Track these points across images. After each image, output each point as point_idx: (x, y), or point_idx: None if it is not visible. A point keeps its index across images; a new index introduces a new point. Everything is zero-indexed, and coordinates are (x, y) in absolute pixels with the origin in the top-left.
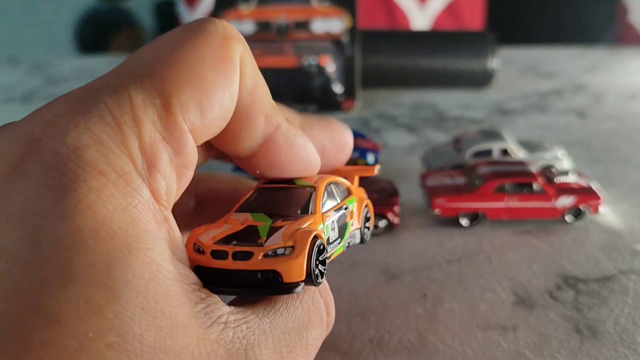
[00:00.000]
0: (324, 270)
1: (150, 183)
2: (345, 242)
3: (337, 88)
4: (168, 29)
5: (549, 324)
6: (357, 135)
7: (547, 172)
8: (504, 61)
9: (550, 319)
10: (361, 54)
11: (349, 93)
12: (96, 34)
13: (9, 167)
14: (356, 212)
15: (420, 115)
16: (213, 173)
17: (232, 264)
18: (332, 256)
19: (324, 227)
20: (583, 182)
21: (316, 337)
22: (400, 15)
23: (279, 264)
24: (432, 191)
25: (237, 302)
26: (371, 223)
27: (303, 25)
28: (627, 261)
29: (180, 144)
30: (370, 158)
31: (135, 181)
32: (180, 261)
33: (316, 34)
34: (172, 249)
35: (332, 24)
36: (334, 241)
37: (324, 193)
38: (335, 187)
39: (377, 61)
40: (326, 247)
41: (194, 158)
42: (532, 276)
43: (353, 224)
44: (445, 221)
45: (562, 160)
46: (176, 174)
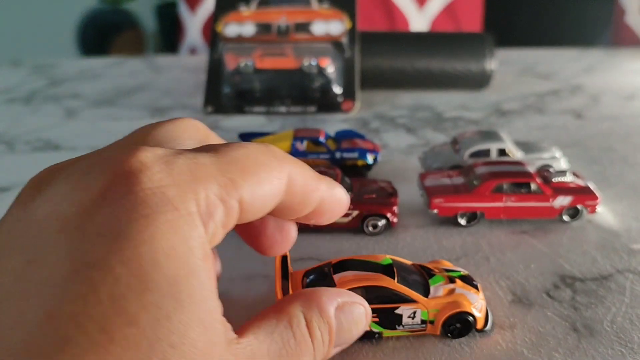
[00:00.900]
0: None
1: (206, 227)
2: None
3: (337, 89)
4: (169, 30)
5: (547, 323)
6: (356, 135)
7: (545, 172)
8: (502, 62)
9: (547, 318)
10: (360, 55)
11: (349, 94)
12: (98, 36)
13: (97, 190)
14: None
15: (419, 116)
16: None
17: None
18: None
19: None
20: (580, 182)
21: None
22: (399, 17)
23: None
24: (430, 191)
25: (240, 329)
26: None
27: (303, 27)
28: (624, 260)
29: (230, 208)
30: (370, 158)
31: (196, 220)
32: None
33: (316, 35)
34: (212, 281)
35: (332, 25)
36: None
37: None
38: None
39: (376, 62)
40: None
41: (233, 222)
42: (529, 275)
43: None
44: (444, 221)
45: (560, 161)
46: (222, 227)
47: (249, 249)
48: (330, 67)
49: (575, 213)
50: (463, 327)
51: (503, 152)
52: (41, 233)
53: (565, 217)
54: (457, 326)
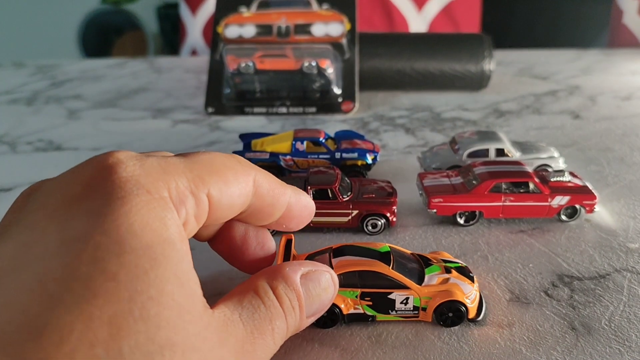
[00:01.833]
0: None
1: (178, 211)
2: None
3: (337, 90)
4: (171, 32)
5: (545, 321)
6: (356, 136)
7: (543, 172)
8: (500, 63)
9: (546, 316)
10: (360, 56)
11: (348, 95)
12: (100, 37)
13: (82, 183)
14: None
15: (418, 117)
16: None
17: None
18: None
19: None
20: (578, 182)
21: (280, 326)
22: (398, 19)
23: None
24: (429, 191)
25: (214, 302)
26: None
27: (303, 28)
28: (621, 259)
29: (200, 200)
30: (369, 158)
31: (168, 204)
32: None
33: (316, 37)
34: (189, 256)
35: (332, 27)
36: None
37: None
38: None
39: (376, 64)
40: None
41: (204, 215)
42: (527, 274)
43: None
44: (443, 220)
45: (558, 160)
46: (194, 218)
47: None
48: (330, 68)
49: (573, 212)
50: (455, 316)
51: (501, 152)
52: (33, 222)
53: (563, 217)
54: (450, 315)
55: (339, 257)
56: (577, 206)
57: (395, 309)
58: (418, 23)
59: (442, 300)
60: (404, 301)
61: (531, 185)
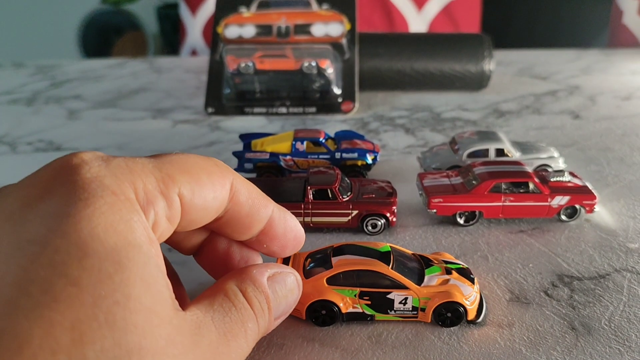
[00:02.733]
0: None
1: (146, 213)
2: None
3: (337, 90)
4: (171, 32)
5: (545, 321)
6: (356, 136)
7: (543, 172)
8: (500, 63)
9: (545, 316)
10: (360, 56)
11: (348, 95)
12: (100, 37)
13: (41, 185)
14: None
15: (418, 117)
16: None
17: None
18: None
19: None
20: (578, 182)
21: (252, 328)
22: (398, 19)
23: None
24: (429, 191)
25: (186, 305)
26: None
27: (303, 28)
28: (621, 259)
29: (171, 200)
30: (369, 158)
31: (135, 205)
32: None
33: (316, 37)
34: (158, 259)
35: (332, 27)
36: None
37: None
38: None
39: (376, 64)
40: None
41: (177, 215)
42: (527, 274)
43: None
44: (443, 220)
45: (557, 160)
46: (166, 219)
47: None
48: (330, 69)
49: (573, 212)
50: (454, 317)
51: (501, 152)
52: None
53: (563, 217)
54: (448, 315)
55: (339, 256)
56: (577, 206)
57: (394, 308)
58: (418, 23)
59: (441, 301)
60: (403, 301)
61: (531, 185)
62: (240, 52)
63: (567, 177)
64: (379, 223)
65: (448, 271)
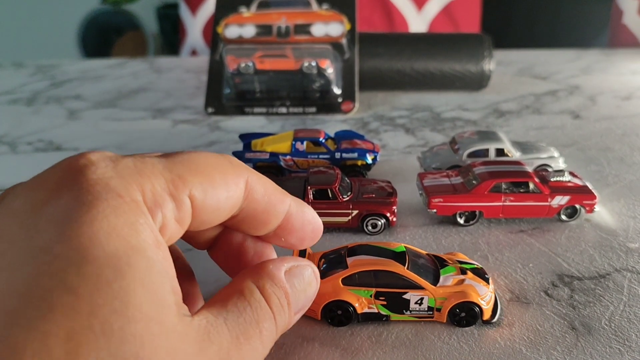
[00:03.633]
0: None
1: (153, 216)
2: None
3: (337, 90)
4: (171, 32)
5: (545, 321)
6: (356, 136)
7: (543, 172)
8: (500, 63)
9: (546, 316)
10: (360, 56)
11: (348, 95)
12: (100, 37)
13: (49, 187)
14: None
15: (418, 117)
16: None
17: None
18: None
19: None
20: (578, 182)
21: (269, 327)
22: (398, 19)
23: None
24: (429, 191)
25: (199, 308)
26: None
27: (303, 28)
28: (621, 259)
29: (181, 202)
30: (369, 158)
31: (141, 208)
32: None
33: (316, 37)
34: (165, 263)
35: (332, 27)
36: None
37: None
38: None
39: (376, 64)
40: None
41: (187, 218)
42: (527, 274)
43: None
44: (443, 220)
45: (558, 160)
46: (175, 222)
47: None
48: (330, 68)
49: (573, 212)
50: (469, 317)
51: (501, 152)
52: (1, 230)
53: (563, 217)
54: (463, 315)
55: (354, 257)
56: (577, 206)
57: (410, 309)
58: (418, 23)
59: (457, 302)
60: (419, 301)
61: (531, 185)
62: (240, 52)
63: (567, 177)
64: (379, 223)
65: (463, 271)
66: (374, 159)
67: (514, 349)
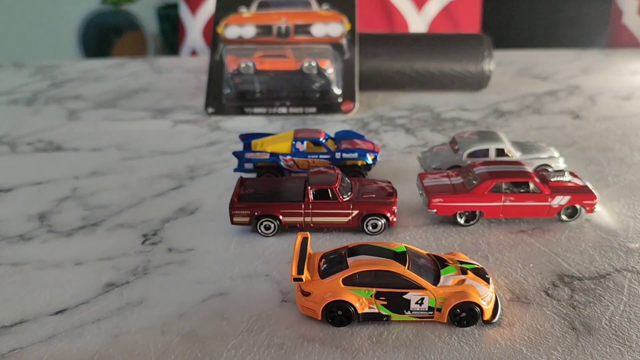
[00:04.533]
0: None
1: None
2: None
3: (337, 90)
4: (171, 32)
5: (545, 321)
6: (356, 136)
7: (543, 172)
8: (500, 63)
9: (546, 316)
10: (360, 56)
11: (348, 95)
12: (99, 38)
13: None
14: None
15: (418, 117)
16: None
17: None
18: None
19: None
20: (578, 182)
21: None
22: (398, 19)
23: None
24: (429, 191)
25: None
26: None
27: (303, 28)
28: (622, 259)
29: None
30: (369, 158)
31: None
32: None
33: (316, 37)
34: None
35: (332, 27)
36: None
37: None
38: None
39: (376, 64)
40: None
41: None
42: (528, 274)
43: None
44: (443, 220)
45: (558, 160)
46: None
47: (250, 248)
48: (330, 69)
49: (573, 212)
50: (470, 317)
51: (501, 152)
52: None
53: (563, 217)
54: (464, 315)
55: (354, 257)
56: (577, 206)
57: (410, 309)
58: (418, 23)
59: (458, 302)
60: (419, 301)
61: (531, 185)
62: (240, 52)
63: (567, 177)
64: (379, 223)
65: (463, 271)
66: (374, 159)
67: (514, 349)
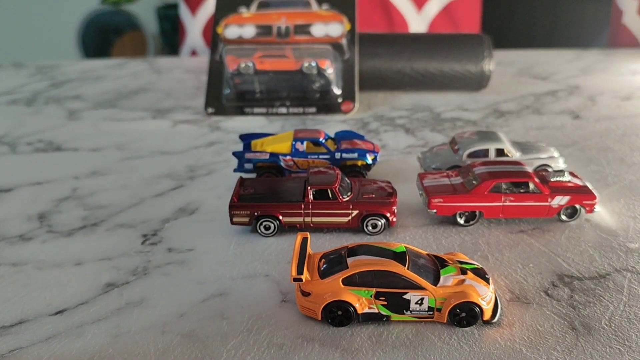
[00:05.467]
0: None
1: None
2: None
3: (337, 90)
4: (170, 32)
5: (545, 321)
6: (356, 136)
7: (543, 172)
8: (500, 63)
9: (546, 316)
10: (360, 56)
11: (348, 95)
12: (99, 38)
13: None
14: None
15: (418, 117)
16: None
17: None
18: None
19: None
20: (578, 182)
21: None
22: (398, 19)
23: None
24: (429, 191)
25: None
26: None
27: (303, 29)
28: (621, 259)
29: None
30: (369, 158)
31: None
32: None
33: (316, 37)
34: None
35: (332, 27)
36: None
37: None
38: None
39: (376, 64)
40: None
41: None
42: (528, 274)
43: None
44: (443, 220)
45: (558, 161)
46: None
47: (250, 249)
48: (330, 69)
49: (573, 212)
50: (470, 317)
51: (501, 152)
52: None
53: (563, 217)
54: (463, 315)
55: (354, 257)
56: (577, 206)
57: (410, 309)
58: (418, 23)
59: (458, 302)
60: (419, 302)
61: (531, 185)
62: (240, 53)
63: (567, 177)
64: (379, 223)
65: (463, 271)
66: (374, 159)
67: (514, 349)
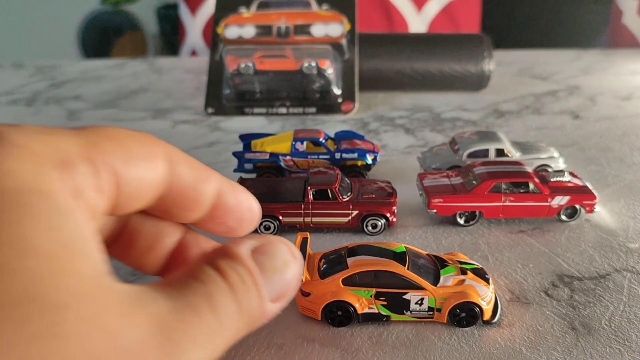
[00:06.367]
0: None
1: (61, 171)
2: None
3: (336, 90)
4: (170, 32)
5: (545, 322)
6: (356, 136)
7: (543, 172)
8: (500, 63)
9: (546, 317)
10: (360, 57)
11: (348, 95)
12: (99, 38)
13: None
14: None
15: (418, 117)
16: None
17: None
18: None
19: None
20: (578, 182)
21: (225, 302)
22: (398, 19)
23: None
24: (429, 191)
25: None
26: None
27: (303, 29)
28: (621, 259)
29: (97, 168)
30: (369, 158)
31: (46, 159)
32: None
33: (316, 37)
34: (86, 222)
35: (332, 27)
36: None
37: None
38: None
39: (376, 64)
40: None
41: (109, 189)
42: (528, 274)
43: None
44: (443, 220)
45: (558, 161)
46: (94, 191)
47: None
48: (330, 69)
49: (573, 212)
50: (470, 317)
51: (501, 153)
52: None
53: (563, 217)
54: (463, 316)
55: (354, 257)
56: (577, 206)
57: (410, 309)
58: (418, 23)
59: (458, 302)
60: (419, 302)
61: (531, 186)
62: (240, 53)
63: (567, 177)
64: (379, 223)
65: (463, 271)
66: (374, 160)
67: (514, 349)
